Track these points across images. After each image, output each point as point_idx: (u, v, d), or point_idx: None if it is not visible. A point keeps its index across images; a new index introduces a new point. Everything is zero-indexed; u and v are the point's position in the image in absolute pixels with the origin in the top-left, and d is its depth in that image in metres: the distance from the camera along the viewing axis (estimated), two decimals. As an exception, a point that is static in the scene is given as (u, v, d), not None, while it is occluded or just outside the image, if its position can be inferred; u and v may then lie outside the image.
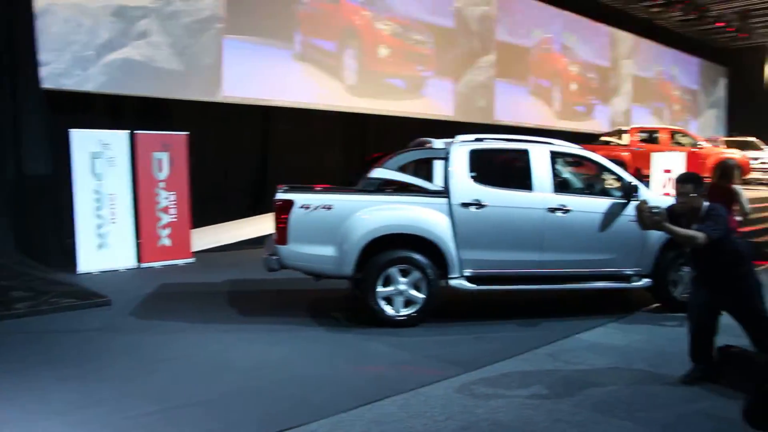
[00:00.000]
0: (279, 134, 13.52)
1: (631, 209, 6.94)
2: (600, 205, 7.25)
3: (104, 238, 9.23)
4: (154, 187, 9.67)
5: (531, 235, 7.00)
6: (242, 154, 13.13)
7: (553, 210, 7.02)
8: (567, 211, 7.05)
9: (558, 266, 7.09)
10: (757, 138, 21.06)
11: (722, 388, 4.91)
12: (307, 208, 6.51)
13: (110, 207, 9.29)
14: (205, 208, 11.36)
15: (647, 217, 4.86)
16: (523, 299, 7.81)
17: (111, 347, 5.90)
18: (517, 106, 17.96)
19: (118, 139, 9.38)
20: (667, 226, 4.86)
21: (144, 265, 9.54)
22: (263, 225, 10.52)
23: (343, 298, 7.86)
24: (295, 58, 13.23)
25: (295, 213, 6.48)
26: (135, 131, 9.55)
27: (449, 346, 6.08)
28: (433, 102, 15.83)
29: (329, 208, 6.56)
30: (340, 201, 6.68)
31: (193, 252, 10.10)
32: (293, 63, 13.20)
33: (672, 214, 5.01)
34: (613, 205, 7.22)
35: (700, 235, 4.74)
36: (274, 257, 6.59)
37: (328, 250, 6.54)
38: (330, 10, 13.87)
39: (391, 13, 14.94)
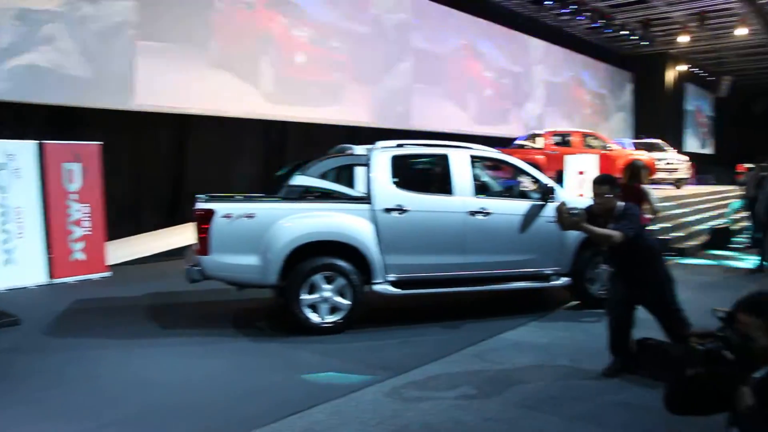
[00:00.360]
0: (196, 143, 13.24)
1: (548, 210, 7.13)
2: (519, 207, 7.43)
3: (11, 254, 8.80)
4: (65, 199, 9.30)
5: (453, 238, 7.09)
6: (158, 164, 12.80)
7: (473, 213, 7.13)
8: (487, 213, 7.17)
9: (480, 268, 7.21)
10: (661, 139, 22.01)
11: (641, 379, 5.10)
12: (229, 217, 6.40)
13: (17, 221, 8.87)
14: (121, 220, 11.03)
15: (566, 218, 5.00)
16: (448, 302, 7.88)
17: (22, 368, 5.56)
18: (434, 111, 18.18)
19: (24, 149, 8.99)
20: (585, 226, 5.01)
21: (56, 280, 9.14)
22: (181, 235, 10.29)
23: (267, 308, 7.76)
24: (211, 65, 13.00)
25: (217, 223, 6.36)
26: (43, 141, 9.18)
27: (376, 352, 6.09)
28: (351, 108, 15.86)
29: (252, 217, 6.47)
30: (263, 209, 6.61)
31: (108, 265, 9.76)
32: (209, 70, 12.97)
33: (589, 214, 5.16)
34: (532, 207, 7.40)
35: (616, 234, 4.91)
36: (196, 268, 6.45)
37: (251, 260, 6.44)
38: (246, 17, 13.72)
39: (308, 19, 14.91)
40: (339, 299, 6.61)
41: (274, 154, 14.52)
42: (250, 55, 13.77)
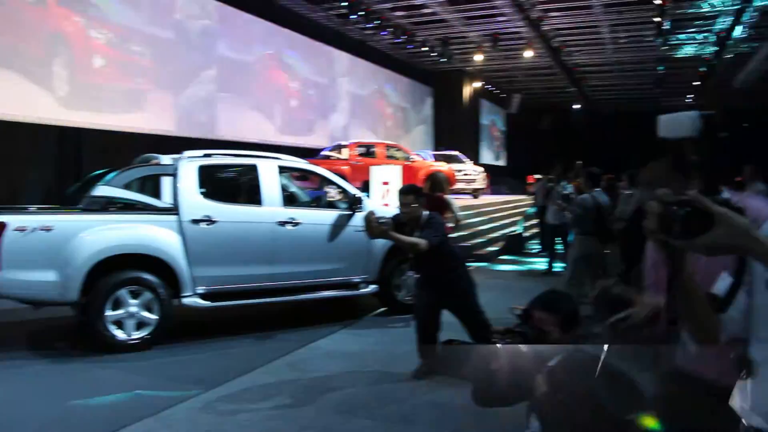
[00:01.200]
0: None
1: (356, 220, 7.36)
2: (328, 217, 7.60)
3: None
4: None
5: (263, 248, 7.11)
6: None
7: (282, 223, 7.19)
8: (296, 224, 7.26)
9: (291, 278, 7.29)
10: (459, 152, 23.33)
11: (448, 379, 5.39)
12: (23, 230, 5.96)
13: None
14: None
15: (375, 226, 5.19)
16: (261, 312, 7.85)
17: None
18: (239, 121, 17.93)
19: None
20: (392, 235, 5.24)
21: None
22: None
23: (68, 326, 7.29)
24: (-6, 65, 11.96)
25: (9, 236, 5.90)
26: None
27: (188, 366, 5.96)
28: (155, 116, 15.26)
29: (49, 230, 6.07)
30: (61, 222, 6.23)
31: None
32: (-7, 70, 11.94)
33: (396, 223, 5.41)
34: (340, 217, 7.59)
35: (422, 242, 5.19)
36: (-15, 286, 5.95)
37: (49, 275, 6.04)
38: (36, 14, 12.76)
39: (106, 21, 14.16)
40: (146, 314, 6.38)
41: (70, 164, 13.61)
42: (41, 55, 12.82)
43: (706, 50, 24.44)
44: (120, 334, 6.27)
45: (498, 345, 2.57)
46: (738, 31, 21.53)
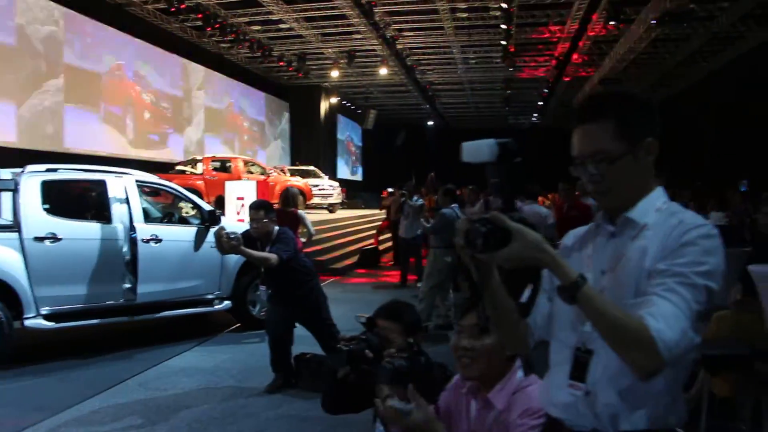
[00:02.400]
0: None
1: (210, 236, 7.30)
2: (180, 233, 7.50)
3: None
4: None
5: (112, 266, 6.89)
6: None
7: (133, 240, 7.00)
8: (148, 240, 7.10)
9: (143, 296, 7.10)
10: (316, 167, 23.52)
11: (301, 392, 5.52)
12: None
13: None
14: None
15: (225, 242, 5.21)
16: (110, 332, 7.60)
17: None
18: (89, 133, 17.16)
19: None
20: (243, 250, 5.28)
21: None
22: None
23: None
24: None
25: None
26: None
27: (30, 392, 5.67)
28: (-8, 127, 14.36)
29: None
30: None
31: None
32: None
33: (248, 238, 5.45)
34: (193, 233, 7.50)
35: (272, 257, 5.28)
36: None
37: None
38: None
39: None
40: (-18, 338, 6.02)
41: None
42: None
43: (548, 72, 26.05)
44: (-47, 361, 5.89)
45: (342, 349, 2.70)
46: (575, 57, 23.15)
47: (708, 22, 18.57)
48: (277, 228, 5.56)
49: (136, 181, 7.46)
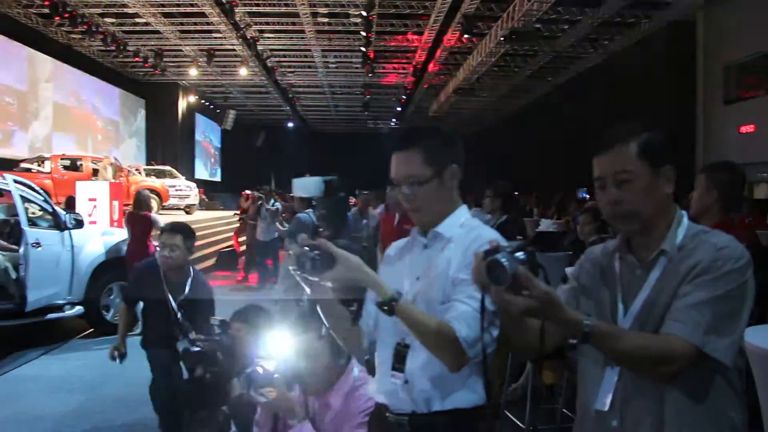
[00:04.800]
0: None
1: (60, 239, 7.06)
2: (30, 235, 7.16)
3: None
4: None
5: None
6: None
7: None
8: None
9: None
10: (173, 167, 22.95)
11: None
12: None
13: None
14: None
15: None
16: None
17: None
18: None
19: None
20: None
21: None
22: None
23: None
24: None
25: None
26: None
27: None
28: None
29: None
30: None
31: None
32: None
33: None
34: (45, 236, 7.22)
35: None
36: None
37: None
38: None
39: None
40: None
41: None
42: None
43: (406, 80, 26.80)
44: None
45: (191, 350, 2.83)
46: (432, 65, 24.00)
47: (552, 40, 19.90)
48: (192, 268, 4.26)
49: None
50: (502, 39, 17.14)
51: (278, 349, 2.54)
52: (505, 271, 1.44)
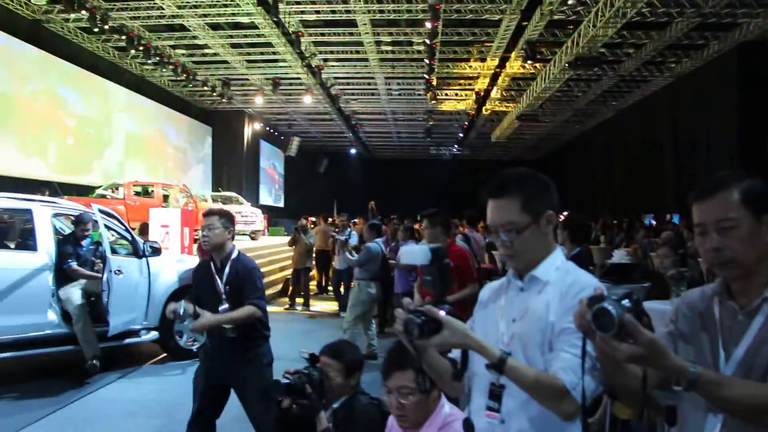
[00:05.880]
0: None
1: (140, 266, 7.28)
2: (111, 262, 7.39)
3: None
4: None
5: (39, 297, 6.79)
6: None
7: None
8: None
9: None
10: (238, 193, 23.44)
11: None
12: None
13: None
14: None
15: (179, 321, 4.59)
16: (34, 363, 7.33)
17: None
18: (9, 157, 16.42)
19: None
20: (212, 321, 4.20)
21: None
22: None
23: None
24: None
25: None
26: None
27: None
28: None
29: None
30: None
31: None
32: None
33: (198, 269, 4.89)
34: (125, 263, 7.45)
35: (252, 310, 4.26)
36: None
37: None
38: None
39: None
40: None
41: None
42: None
43: (468, 106, 26.82)
44: None
45: (281, 382, 2.90)
46: (494, 92, 23.99)
47: (616, 65, 19.68)
48: (237, 252, 4.38)
49: (59, 210, 7.39)
50: (566, 65, 17.06)
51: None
52: (613, 319, 1.46)
